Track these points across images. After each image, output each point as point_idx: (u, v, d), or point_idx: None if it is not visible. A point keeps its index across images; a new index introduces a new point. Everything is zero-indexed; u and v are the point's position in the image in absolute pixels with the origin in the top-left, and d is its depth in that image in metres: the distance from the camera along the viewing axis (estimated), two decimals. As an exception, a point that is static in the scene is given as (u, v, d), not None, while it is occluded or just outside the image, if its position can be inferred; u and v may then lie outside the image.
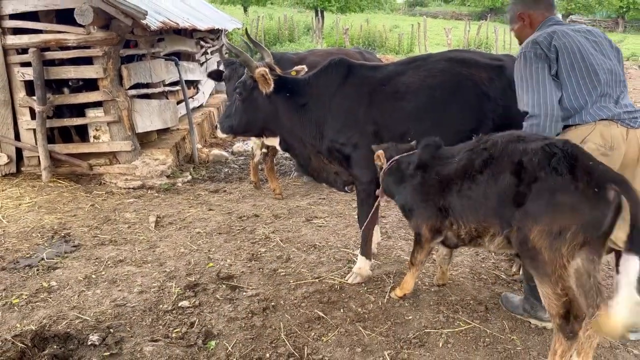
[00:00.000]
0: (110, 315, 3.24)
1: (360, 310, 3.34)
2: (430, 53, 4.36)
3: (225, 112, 3.94)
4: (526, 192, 2.41)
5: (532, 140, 2.51)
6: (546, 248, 2.35)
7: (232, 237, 4.50)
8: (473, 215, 2.71)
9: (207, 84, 10.85)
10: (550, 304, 2.42)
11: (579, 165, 2.32)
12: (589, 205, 2.28)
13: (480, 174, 2.63)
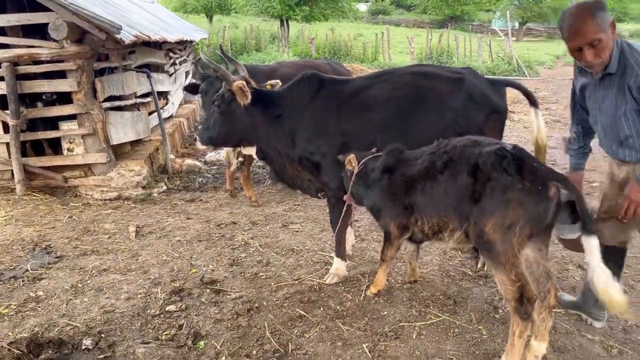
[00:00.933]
0: (100, 321, 3.38)
1: (339, 308, 3.57)
2: (396, 67, 4.66)
3: (204, 124, 4.12)
4: (481, 190, 2.69)
5: (486, 145, 2.81)
6: (499, 240, 2.63)
7: (212, 244, 4.66)
8: (435, 211, 2.99)
9: (176, 95, 10.96)
10: (505, 289, 2.71)
11: (525, 167, 2.62)
12: (534, 200, 2.58)
13: (441, 174, 2.92)
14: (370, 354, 3.05)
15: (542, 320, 2.82)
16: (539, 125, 4.08)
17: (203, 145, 4.09)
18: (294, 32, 28.91)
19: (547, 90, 16.55)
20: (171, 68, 10.81)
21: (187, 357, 3.00)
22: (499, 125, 4.00)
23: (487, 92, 3.93)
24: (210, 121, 3.98)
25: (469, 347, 3.16)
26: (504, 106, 4.07)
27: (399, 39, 34.16)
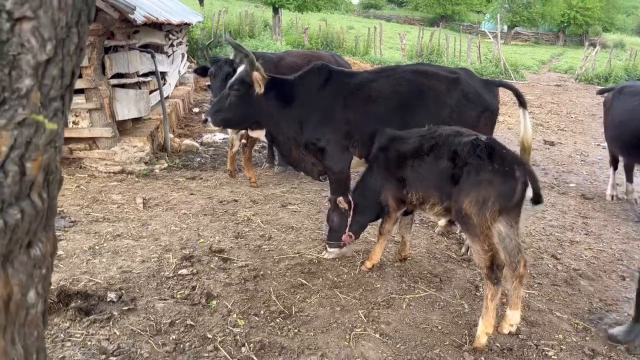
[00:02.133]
0: (119, 279, 3.68)
1: (336, 279, 3.93)
2: (398, 64, 5.03)
3: (215, 106, 4.29)
4: (459, 173, 3.19)
5: (466, 136, 3.30)
6: (475, 214, 3.10)
7: (217, 218, 4.98)
8: (420, 186, 3.50)
9: (172, 76, 11.15)
10: (479, 258, 3.17)
11: (495, 153, 3.12)
12: (502, 180, 3.06)
13: (427, 155, 3.43)
14: (365, 319, 3.42)
15: (514, 289, 3.29)
16: (525, 126, 4.47)
17: (215, 127, 4.31)
18: (287, 20, 29.03)
19: (531, 95, 17.07)
20: (169, 49, 11.00)
21: (201, 313, 3.33)
22: (490, 122, 4.39)
23: (480, 92, 4.32)
24: (224, 103, 4.17)
25: (452, 318, 3.55)
26: (496, 105, 4.46)
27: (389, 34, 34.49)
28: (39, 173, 0.89)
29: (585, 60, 23.08)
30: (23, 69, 0.80)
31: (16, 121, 0.81)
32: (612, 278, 4.39)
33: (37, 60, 0.81)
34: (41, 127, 0.86)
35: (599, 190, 6.97)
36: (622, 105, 6.02)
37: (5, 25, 0.75)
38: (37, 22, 0.78)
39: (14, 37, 0.77)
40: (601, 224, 5.71)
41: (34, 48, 0.80)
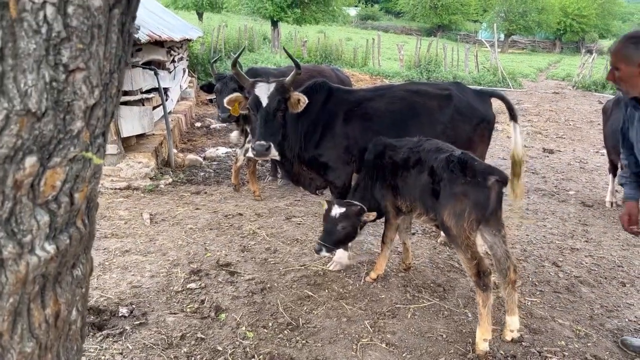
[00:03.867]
0: (130, 294, 3.76)
1: (342, 291, 4.01)
2: (392, 84, 5.17)
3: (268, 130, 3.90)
4: (438, 188, 3.34)
5: (444, 152, 3.44)
6: (454, 225, 3.22)
7: (223, 232, 5.07)
8: (408, 195, 3.67)
9: (174, 91, 11.29)
10: (466, 266, 3.29)
11: (467, 167, 3.24)
12: (474, 191, 3.18)
13: (412, 168, 3.60)
14: (371, 329, 3.50)
15: (508, 295, 3.39)
16: (515, 140, 4.55)
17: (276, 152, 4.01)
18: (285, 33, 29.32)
19: (529, 103, 17.22)
20: (171, 65, 11.15)
21: (211, 326, 3.41)
22: (487, 132, 4.51)
23: (474, 104, 4.44)
24: (274, 125, 3.95)
25: (456, 327, 3.62)
26: (491, 115, 4.57)
27: (387, 45, 34.80)
28: (84, 202, 0.99)
29: (582, 68, 23.27)
30: (75, 113, 0.89)
31: (68, 158, 0.91)
32: (612, 284, 4.46)
33: (86, 105, 0.91)
34: (88, 162, 0.95)
35: (599, 197, 7.05)
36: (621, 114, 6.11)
37: (61, 76, 0.85)
38: (87, 72, 0.88)
39: (68, 86, 0.86)
40: (601, 231, 5.78)
41: (84, 94, 0.89)
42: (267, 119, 3.91)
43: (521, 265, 4.66)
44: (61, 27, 0.82)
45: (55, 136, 0.86)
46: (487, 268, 3.23)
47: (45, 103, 0.83)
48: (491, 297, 3.29)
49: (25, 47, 0.79)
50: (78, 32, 0.84)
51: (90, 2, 0.85)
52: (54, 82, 0.83)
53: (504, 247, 3.35)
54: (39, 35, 0.80)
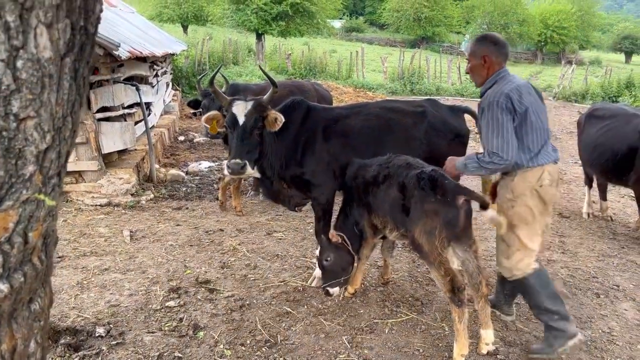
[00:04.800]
0: (107, 314, 3.76)
1: (321, 306, 4.04)
2: (368, 102, 5.27)
3: (244, 148, 3.91)
4: (408, 205, 3.36)
5: (414, 168, 3.48)
6: (425, 243, 3.25)
7: (203, 249, 5.08)
8: (379, 211, 3.70)
9: (157, 106, 11.29)
10: (440, 283, 3.32)
11: (437, 185, 3.26)
12: (444, 210, 3.22)
13: (382, 184, 3.63)
14: (349, 345, 3.53)
15: (481, 309, 3.44)
16: None
17: (252, 170, 4.02)
18: (270, 45, 29.47)
19: (511, 114, 17.45)
20: (154, 79, 11.16)
21: (189, 345, 3.42)
22: (461, 147, 4.59)
23: (448, 120, 4.53)
24: (250, 143, 3.96)
25: (433, 341, 3.67)
26: (465, 129, 4.67)
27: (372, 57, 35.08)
28: (39, 239, 1.02)
29: (562, 79, 23.67)
30: (27, 158, 0.93)
31: (21, 200, 0.94)
32: (587, 296, 4.54)
33: (38, 150, 0.94)
34: (42, 203, 0.99)
35: (576, 208, 7.17)
36: (593, 128, 6.28)
37: (12, 124, 0.88)
38: (38, 119, 0.92)
39: (19, 133, 0.90)
40: (577, 242, 5.89)
41: (36, 140, 0.93)
42: (244, 137, 3.92)
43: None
44: (10, 80, 0.86)
45: (7, 181, 0.90)
46: (461, 284, 3.27)
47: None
48: (466, 312, 3.34)
49: None
50: (28, 84, 0.88)
51: (40, 54, 0.89)
52: (4, 132, 0.87)
53: (475, 262, 3.39)
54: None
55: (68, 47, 0.95)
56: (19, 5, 0.84)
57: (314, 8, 27.07)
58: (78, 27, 0.96)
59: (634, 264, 5.29)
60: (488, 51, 3.42)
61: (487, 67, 3.45)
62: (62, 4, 0.90)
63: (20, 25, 0.85)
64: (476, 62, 3.47)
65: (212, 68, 19.19)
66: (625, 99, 19.94)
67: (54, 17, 0.89)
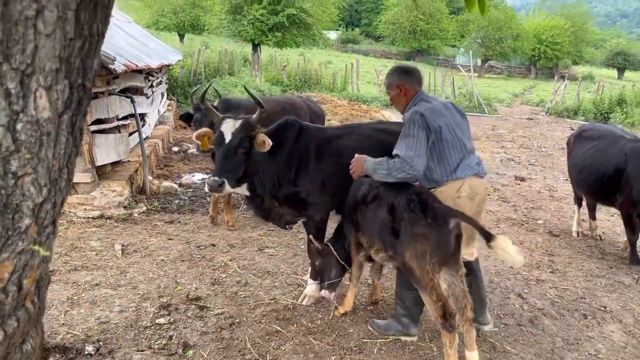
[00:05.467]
0: (97, 330, 3.76)
1: (311, 325, 4.06)
2: (360, 123, 5.33)
3: (226, 166, 3.93)
4: (398, 227, 3.36)
5: (402, 189, 3.50)
6: (416, 267, 3.25)
7: (194, 264, 5.09)
8: (367, 231, 3.72)
9: (152, 116, 11.32)
10: (431, 308, 3.31)
11: (428, 208, 3.29)
12: (436, 233, 3.22)
13: (371, 203, 3.64)
14: (338, 365, 3.55)
15: (466, 332, 3.46)
16: None
17: (232, 188, 4.01)
18: (266, 56, 29.56)
19: (504, 128, 17.61)
20: (149, 90, 11.19)
21: (178, 364, 3.43)
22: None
23: None
24: (234, 162, 3.96)
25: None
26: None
27: (367, 69, 35.29)
28: (33, 284, 1.05)
29: (555, 94, 23.90)
30: (24, 212, 0.96)
31: (17, 252, 0.97)
32: (574, 317, 4.59)
33: (34, 203, 0.98)
34: (37, 252, 1.02)
35: (566, 227, 7.25)
36: (582, 149, 6.38)
37: (10, 182, 0.92)
38: (35, 175, 0.95)
39: (17, 189, 0.93)
40: (566, 262, 5.95)
41: (33, 195, 0.96)
42: (227, 156, 3.92)
43: (488, 298, 4.76)
44: (10, 142, 0.89)
45: (4, 235, 0.93)
46: (452, 310, 3.27)
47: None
48: (457, 338, 3.35)
49: None
50: (26, 144, 0.92)
51: (39, 115, 0.93)
52: (2, 190, 0.90)
53: (461, 286, 3.40)
54: None
55: (66, 105, 0.99)
56: (20, 72, 0.87)
57: (311, 20, 27.16)
58: (76, 85, 1.00)
59: (621, 285, 5.36)
60: (401, 81, 3.78)
61: (404, 95, 3.80)
62: (62, 67, 0.94)
63: (20, 90, 0.89)
64: (394, 92, 3.83)
65: (208, 78, 19.24)
66: (617, 116, 20.16)
67: (54, 80, 0.93)
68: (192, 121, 6.30)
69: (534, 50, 50.59)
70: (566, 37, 49.70)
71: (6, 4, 0.86)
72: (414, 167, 3.44)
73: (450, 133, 3.64)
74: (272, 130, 4.37)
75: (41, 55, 0.90)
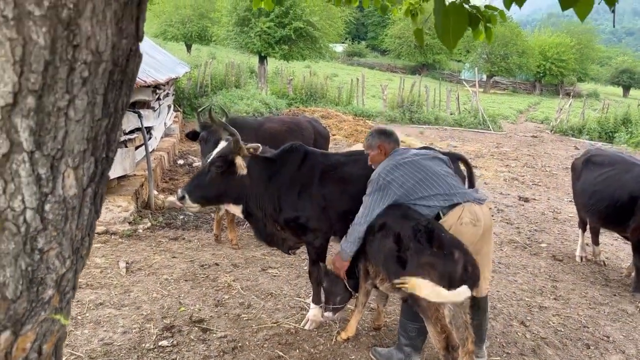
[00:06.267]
0: (100, 352, 3.78)
1: (313, 351, 4.07)
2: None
3: (194, 181, 4.18)
4: (404, 256, 3.36)
5: (409, 219, 3.53)
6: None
7: (198, 284, 5.11)
8: (373, 260, 3.74)
9: (158, 129, 11.39)
10: (435, 339, 3.30)
11: (434, 237, 3.30)
12: (442, 263, 3.22)
13: (378, 233, 3.67)
14: (339, 393, 3.56)
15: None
16: None
17: (193, 204, 4.14)
18: (273, 68, 29.77)
19: (508, 146, 17.64)
20: (156, 103, 11.28)
21: (180, 389, 3.44)
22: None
23: None
24: (204, 179, 4.13)
25: (423, 391, 3.70)
26: (461, 175, 4.74)
27: (372, 82, 35.48)
28: (52, 348, 1.08)
29: (560, 112, 23.94)
30: (47, 284, 1.00)
31: (39, 322, 1.01)
32: (577, 347, 4.58)
33: (58, 275, 1.02)
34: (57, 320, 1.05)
35: (569, 251, 7.25)
36: (593, 175, 6.36)
37: (36, 257, 0.95)
38: (60, 249, 0.99)
39: (42, 264, 0.97)
40: (570, 288, 5.94)
41: (57, 267, 1.00)
42: (202, 172, 4.20)
43: (490, 325, 4.76)
44: (38, 222, 0.93)
45: (28, 308, 0.97)
46: (456, 342, 3.26)
47: (21, 288, 0.93)
48: None
49: (5, 247, 0.90)
50: (53, 222, 0.96)
51: (66, 193, 0.96)
52: (29, 267, 0.94)
53: (464, 317, 3.38)
54: (19, 235, 0.91)
55: (91, 179, 1.03)
56: (51, 157, 0.91)
57: (317, 33, 27.40)
58: (100, 160, 1.04)
59: (624, 313, 5.35)
60: (380, 141, 4.03)
61: (383, 154, 4.03)
62: (89, 146, 0.98)
63: (50, 174, 0.92)
64: (374, 152, 4.06)
65: (214, 90, 19.37)
66: (622, 135, 20.17)
67: (81, 159, 0.97)
68: (198, 139, 6.34)
69: (539, 66, 50.78)
70: (572, 54, 49.89)
71: (40, 97, 0.90)
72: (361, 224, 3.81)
73: (418, 171, 3.80)
74: (277, 154, 4.41)
75: (71, 139, 0.94)
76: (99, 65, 0.95)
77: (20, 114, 0.86)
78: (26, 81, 0.85)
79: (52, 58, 0.87)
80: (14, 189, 0.85)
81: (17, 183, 0.86)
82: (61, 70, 0.88)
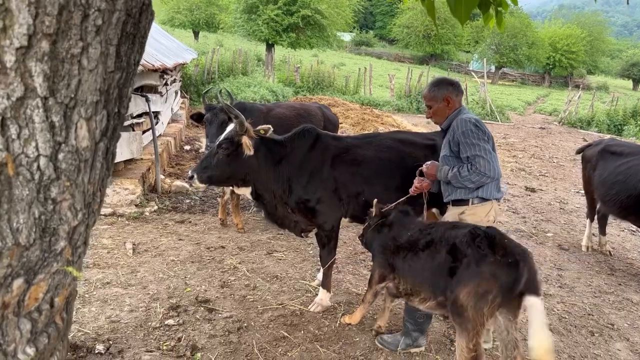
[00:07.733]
0: (107, 329, 3.82)
1: (317, 332, 4.09)
2: (379, 132, 5.32)
3: (203, 162, 4.26)
4: (458, 265, 3.04)
5: (462, 227, 3.25)
6: (472, 307, 2.91)
7: (204, 266, 5.14)
8: (410, 279, 3.41)
9: (165, 114, 11.40)
10: (461, 355, 3.00)
11: (496, 244, 2.97)
12: (505, 273, 2.88)
13: (422, 251, 3.32)
14: (344, 374, 3.58)
15: None
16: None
17: (201, 184, 4.27)
18: (280, 56, 29.67)
19: (516, 137, 17.55)
20: (163, 89, 11.28)
21: (186, 366, 3.47)
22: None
23: None
24: (212, 160, 4.19)
25: (426, 373, 3.72)
26: None
27: (380, 72, 35.32)
28: (63, 302, 1.09)
29: (568, 104, 23.77)
30: (60, 235, 1.00)
31: (52, 272, 1.01)
32: (581, 334, 4.58)
33: (70, 227, 1.02)
34: (69, 273, 1.06)
35: (575, 240, 7.22)
36: (612, 165, 6.22)
37: (49, 207, 0.96)
38: (72, 200, 0.99)
39: (55, 214, 0.97)
40: (575, 276, 5.93)
41: (69, 219, 1.00)
42: (209, 154, 4.26)
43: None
44: (52, 171, 0.93)
45: (41, 257, 0.97)
46: None
47: (34, 235, 0.94)
48: None
49: (20, 193, 0.90)
50: (66, 172, 0.96)
51: (79, 144, 0.97)
52: (42, 216, 0.94)
53: (514, 334, 3.06)
54: (32, 182, 0.91)
55: (103, 133, 1.03)
56: (64, 105, 0.91)
57: (325, 21, 27.25)
58: (113, 114, 1.04)
59: (629, 302, 5.34)
60: (449, 93, 3.76)
61: (450, 107, 3.79)
62: (101, 99, 0.98)
63: (63, 123, 0.93)
64: (439, 104, 3.79)
65: (221, 77, 19.35)
66: (630, 128, 20.02)
67: (94, 111, 0.97)
68: (202, 121, 6.35)
69: (548, 58, 50.37)
70: (582, 46, 49.43)
71: (55, 42, 0.90)
72: (490, 175, 3.48)
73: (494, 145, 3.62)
74: (288, 137, 4.41)
75: (84, 89, 0.95)
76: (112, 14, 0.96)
77: (34, 58, 0.86)
78: (41, 24, 0.86)
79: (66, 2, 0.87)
80: (28, 134, 0.86)
81: (32, 129, 0.87)
82: (75, 15, 0.88)
